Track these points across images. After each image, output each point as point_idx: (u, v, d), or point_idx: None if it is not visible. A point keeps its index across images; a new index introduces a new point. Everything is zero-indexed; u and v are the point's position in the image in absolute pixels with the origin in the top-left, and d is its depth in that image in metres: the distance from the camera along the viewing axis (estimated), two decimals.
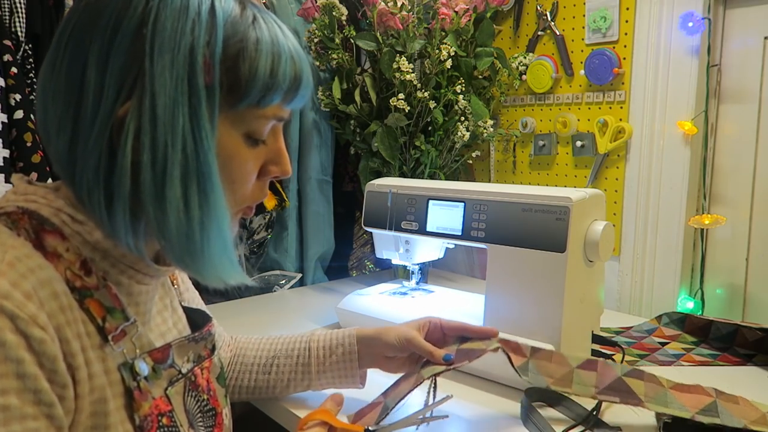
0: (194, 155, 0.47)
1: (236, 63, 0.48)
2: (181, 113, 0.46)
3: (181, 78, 0.46)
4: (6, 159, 1.08)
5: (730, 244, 1.27)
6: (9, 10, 1.11)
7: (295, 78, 0.52)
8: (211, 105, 0.48)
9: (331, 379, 0.80)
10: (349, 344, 0.79)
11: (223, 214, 0.49)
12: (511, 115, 1.57)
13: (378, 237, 1.15)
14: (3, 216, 0.49)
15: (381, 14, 1.34)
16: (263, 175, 0.56)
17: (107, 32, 0.46)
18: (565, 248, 0.83)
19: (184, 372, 0.58)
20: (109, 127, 0.46)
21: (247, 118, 0.51)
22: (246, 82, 0.49)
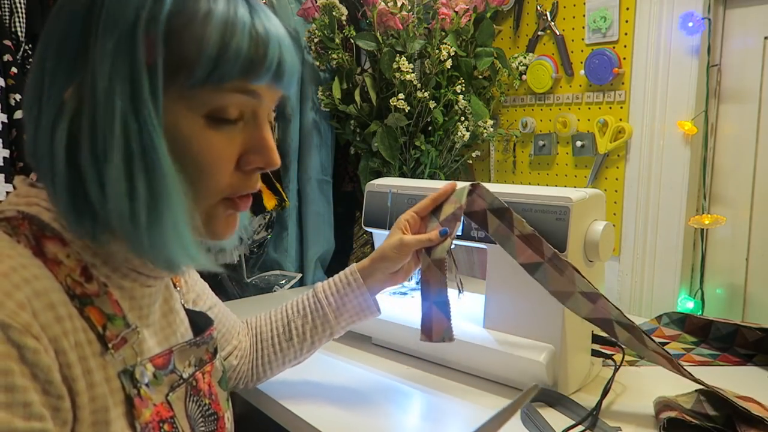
0: (137, 138, 0.44)
1: (182, 39, 0.45)
2: (119, 95, 0.44)
3: (121, 58, 0.44)
4: (6, 159, 1.08)
5: (730, 244, 1.27)
6: (9, 10, 1.11)
7: (256, 53, 0.47)
8: (154, 86, 0.45)
9: (350, 318, 0.82)
10: (354, 280, 0.81)
11: (176, 199, 0.46)
12: (511, 115, 1.57)
13: (378, 237, 1.15)
14: (3, 222, 0.48)
15: (381, 14, 1.34)
16: (245, 165, 0.51)
17: (66, 14, 0.46)
18: (565, 248, 0.83)
19: (185, 377, 0.57)
20: (56, 110, 0.46)
21: (205, 96, 0.47)
22: (194, 58, 0.45)
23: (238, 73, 0.47)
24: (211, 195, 0.51)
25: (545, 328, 0.86)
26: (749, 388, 0.89)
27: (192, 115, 0.48)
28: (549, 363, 0.84)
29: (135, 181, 0.45)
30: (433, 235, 0.81)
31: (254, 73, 0.48)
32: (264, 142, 0.51)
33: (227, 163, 0.50)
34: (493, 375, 0.90)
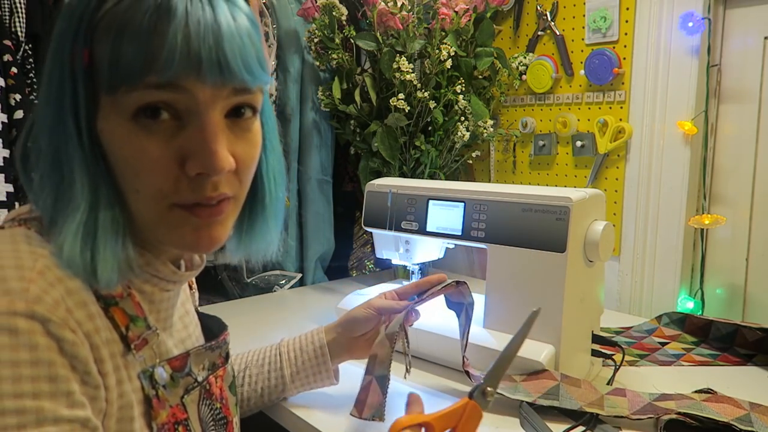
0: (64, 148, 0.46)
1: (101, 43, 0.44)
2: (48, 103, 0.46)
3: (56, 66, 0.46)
4: (6, 159, 1.08)
5: (730, 244, 1.27)
6: (9, 10, 1.11)
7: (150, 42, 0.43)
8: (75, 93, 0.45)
9: (305, 380, 0.80)
10: (318, 340, 0.80)
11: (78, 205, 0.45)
12: (511, 115, 1.57)
13: (378, 237, 1.15)
14: (34, 221, 0.48)
15: (381, 14, 1.34)
16: (189, 170, 0.46)
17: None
18: (565, 248, 0.83)
19: (199, 380, 0.58)
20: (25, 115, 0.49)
21: (124, 99, 0.44)
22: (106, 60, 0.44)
23: (138, 70, 0.43)
24: (154, 201, 0.47)
25: (545, 328, 0.86)
26: (749, 388, 0.89)
27: (120, 119, 0.45)
28: (549, 363, 0.84)
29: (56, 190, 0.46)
30: (402, 305, 0.79)
31: (154, 65, 0.43)
32: (203, 145, 0.45)
33: (162, 165, 0.46)
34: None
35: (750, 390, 0.88)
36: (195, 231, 0.49)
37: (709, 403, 0.76)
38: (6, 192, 1.08)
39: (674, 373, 0.97)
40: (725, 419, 0.72)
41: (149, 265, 0.53)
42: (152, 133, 0.45)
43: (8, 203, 1.08)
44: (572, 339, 0.87)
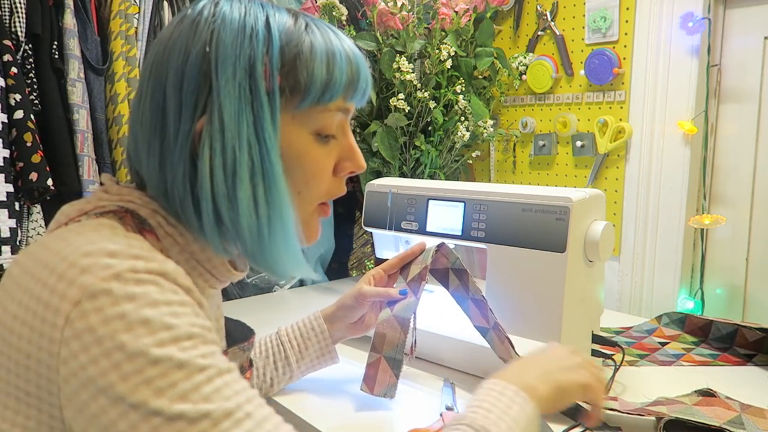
0: (258, 157, 0.51)
1: (294, 67, 0.52)
2: (245, 120, 0.50)
3: (243, 88, 0.50)
4: (6, 159, 1.08)
5: (730, 244, 1.27)
6: (9, 10, 1.11)
7: (352, 73, 0.55)
8: (273, 109, 0.51)
9: (310, 363, 0.84)
10: (318, 326, 0.84)
11: (288, 212, 0.52)
12: (511, 115, 1.57)
13: (378, 237, 1.15)
14: (110, 214, 0.50)
15: (381, 14, 1.34)
16: (339, 172, 0.59)
17: (180, 60, 0.51)
18: (565, 248, 0.83)
19: None
20: (189, 142, 0.51)
21: (314, 115, 0.54)
22: (306, 83, 0.52)
23: (340, 95, 0.55)
24: (312, 202, 0.57)
25: (545, 328, 0.86)
26: (749, 388, 0.89)
27: (302, 132, 0.54)
28: None
29: (257, 197, 0.51)
30: (392, 291, 0.83)
31: (352, 92, 0.56)
32: (354, 150, 0.59)
33: (328, 172, 0.57)
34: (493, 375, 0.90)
35: (750, 390, 0.88)
36: (318, 225, 0.60)
37: (700, 406, 0.76)
38: (6, 192, 1.08)
39: (674, 373, 0.97)
40: (717, 423, 0.72)
41: (209, 260, 0.56)
42: (325, 146, 0.56)
43: (8, 203, 1.08)
44: (572, 339, 0.87)
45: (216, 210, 0.51)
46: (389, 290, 0.84)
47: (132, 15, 1.29)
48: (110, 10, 1.26)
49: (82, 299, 0.40)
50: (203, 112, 0.51)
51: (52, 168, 1.13)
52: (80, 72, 1.20)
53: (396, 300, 0.82)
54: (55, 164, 1.15)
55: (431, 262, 0.84)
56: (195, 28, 0.51)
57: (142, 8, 1.31)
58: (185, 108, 0.51)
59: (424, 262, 0.84)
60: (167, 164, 0.52)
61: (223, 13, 0.51)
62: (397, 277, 0.87)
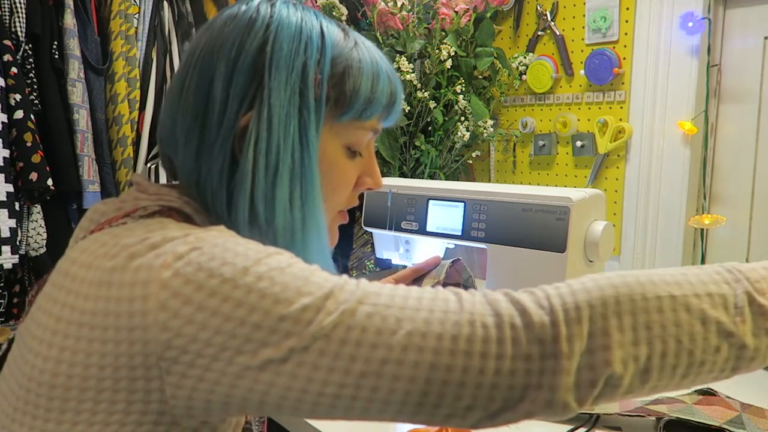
0: (300, 160, 0.52)
1: (342, 80, 0.53)
2: (292, 123, 0.51)
3: (294, 92, 0.51)
4: (6, 159, 1.08)
5: (730, 244, 1.27)
6: (9, 10, 1.11)
7: (392, 95, 0.58)
8: (318, 116, 0.53)
9: None
10: None
11: (321, 215, 0.54)
12: (511, 115, 1.57)
13: (378, 237, 1.15)
14: (156, 214, 0.50)
15: (381, 14, 1.34)
16: (358, 186, 0.60)
17: (232, 53, 0.51)
18: (565, 248, 0.83)
19: None
20: (232, 135, 0.51)
21: (350, 130, 0.56)
22: (350, 97, 0.54)
23: (378, 113, 0.56)
24: (333, 210, 0.59)
25: None
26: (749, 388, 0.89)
27: (336, 142, 0.56)
28: None
29: (294, 198, 0.52)
30: None
31: (387, 114, 0.58)
32: (375, 168, 0.61)
33: (351, 185, 0.59)
34: None
35: (750, 390, 0.87)
36: (337, 231, 0.62)
37: (700, 406, 0.76)
38: (6, 192, 1.08)
39: None
40: (717, 423, 0.72)
41: None
42: (351, 160, 0.58)
43: (8, 203, 1.08)
44: None
45: (252, 207, 0.51)
46: None
47: (132, 15, 1.29)
48: (110, 10, 1.26)
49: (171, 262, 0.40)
50: (250, 107, 0.51)
51: (52, 168, 1.13)
52: (80, 72, 1.20)
53: None
54: (55, 164, 1.15)
55: (445, 276, 0.83)
56: (251, 25, 0.52)
57: (142, 8, 1.31)
58: (232, 101, 0.51)
59: (438, 277, 0.83)
60: (204, 154, 0.52)
61: (281, 15, 0.52)
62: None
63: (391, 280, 0.86)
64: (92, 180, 1.21)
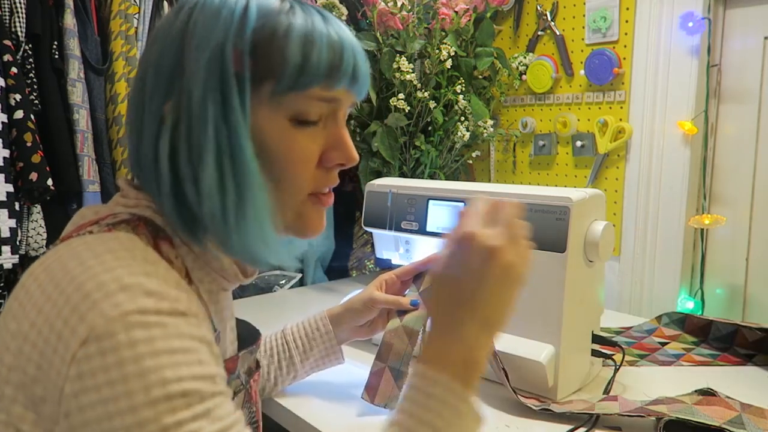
0: (227, 141, 0.49)
1: (268, 51, 0.50)
2: (211, 102, 0.48)
3: (211, 71, 0.48)
4: (6, 159, 1.08)
5: (730, 244, 1.27)
6: (9, 10, 1.11)
7: (334, 60, 0.51)
8: (242, 92, 0.49)
9: (315, 363, 0.84)
10: (324, 326, 0.83)
11: (260, 197, 0.50)
12: (511, 115, 1.57)
13: (378, 237, 1.15)
14: (122, 224, 0.50)
15: (381, 14, 1.34)
16: (326, 162, 0.55)
17: (162, 41, 0.51)
18: (565, 248, 0.83)
19: (244, 383, 0.60)
20: (157, 123, 0.50)
21: (290, 102, 0.51)
22: (278, 67, 0.50)
23: (319, 81, 0.51)
24: (297, 191, 0.54)
25: (545, 328, 0.86)
26: (749, 388, 0.89)
27: (277, 117, 0.51)
28: (549, 363, 0.84)
29: (225, 181, 0.49)
30: (404, 300, 0.81)
31: (333, 79, 0.52)
32: (343, 140, 0.55)
33: (310, 161, 0.54)
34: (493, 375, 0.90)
35: (749, 390, 0.88)
36: (317, 216, 0.56)
37: (700, 406, 0.76)
38: (6, 192, 1.08)
39: (674, 373, 0.97)
40: (717, 423, 0.72)
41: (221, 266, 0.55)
42: (303, 132, 0.53)
43: (8, 203, 1.08)
44: (572, 339, 0.87)
45: (177, 193, 0.50)
46: (400, 299, 0.81)
47: (132, 15, 1.29)
48: (110, 10, 1.26)
49: (89, 339, 0.40)
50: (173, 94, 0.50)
51: (52, 168, 1.13)
52: (80, 72, 1.20)
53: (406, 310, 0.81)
54: (55, 164, 1.15)
55: None
56: (178, 13, 0.51)
57: (142, 8, 1.31)
58: (158, 90, 0.50)
59: None
60: (141, 146, 0.51)
61: None
62: (409, 284, 0.85)
63: (392, 276, 0.86)
64: (92, 180, 1.21)
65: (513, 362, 0.86)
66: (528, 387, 0.88)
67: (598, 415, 0.78)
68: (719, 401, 0.77)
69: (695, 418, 0.73)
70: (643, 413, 0.75)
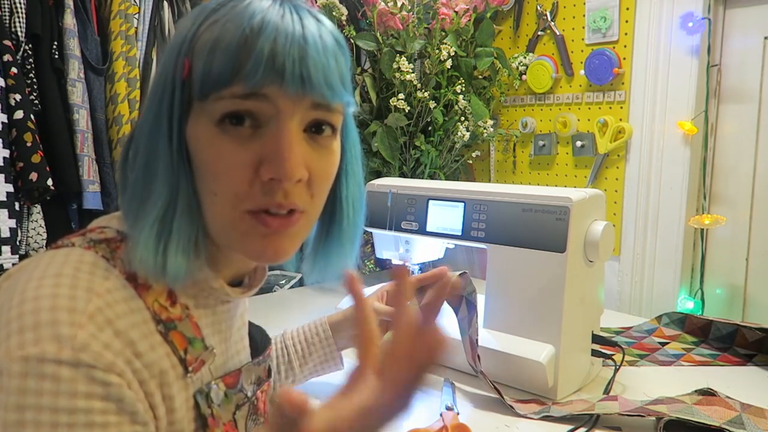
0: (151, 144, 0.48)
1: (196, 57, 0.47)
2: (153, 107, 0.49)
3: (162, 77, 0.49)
4: (6, 159, 1.08)
5: (730, 244, 1.27)
6: (9, 10, 1.11)
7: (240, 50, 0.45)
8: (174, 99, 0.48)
9: (314, 369, 0.84)
10: (323, 331, 0.83)
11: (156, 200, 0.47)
12: (511, 115, 1.57)
13: (378, 237, 1.15)
14: (103, 243, 0.49)
15: (381, 14, 1.34)
16: (262, 175, 0.47)
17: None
18: (565, 248, 0.83)
19: (249, 396, 0.58)
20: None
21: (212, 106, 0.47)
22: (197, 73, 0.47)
23: (226, 79, 0.45)
24: (229, 204, 0.48)
25: (545, 328, 0.86)
26: (749, 388, 0.89)
27: (208, 124, 0.47)
28: (549, 363, 0.84)
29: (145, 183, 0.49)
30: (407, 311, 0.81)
31: (240, 75, 0.45)
32: (277, 151, 0.46)
33: (239, 168, 0.47)
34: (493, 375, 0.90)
35: (749, 390, 0.88)
36: (262, 240, 0.49)
37: (700, 406, 0.76)
38: (6, 192, 1.08)
39: (674, 373, 0.97)
40: (717, 423, 0.72)
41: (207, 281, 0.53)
42: (234, 139, 0.47)
43: (8, 203, 1.08)
44: (572, 339, 0.87)
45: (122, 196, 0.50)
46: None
47: (132, 15, 1.29)
48: (110, 10, 1.26)
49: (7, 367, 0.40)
50: None
51: (52, 168, 1.13)
52: (80, 72, 1.20)
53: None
54: (55, 164, 1.15)
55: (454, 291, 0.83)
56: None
57: (142, 8, 1.31)
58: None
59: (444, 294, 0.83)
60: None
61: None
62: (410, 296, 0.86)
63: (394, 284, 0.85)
64: (92, 180, 1.21)
65: (513, 362, 0.86)
66: (528, 387, 0.88)
67: (598, 415, 0.78)
68: (719, 401, 0.77)
69: (695, 418, 0.73)
70: (643, 413, 0.75)
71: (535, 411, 0.81)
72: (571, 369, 0.87)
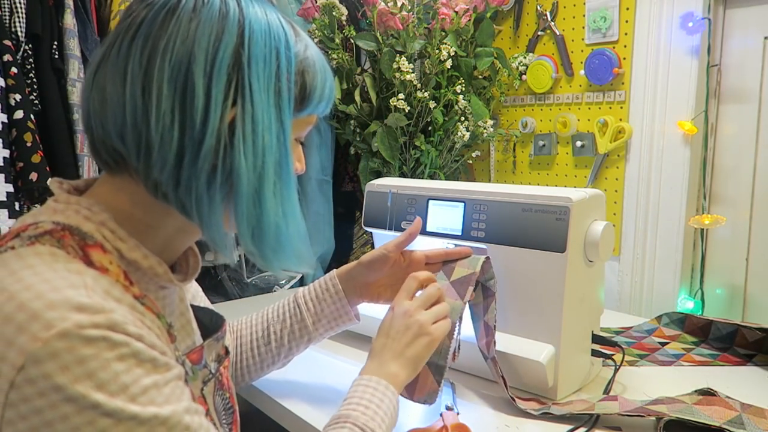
0: (280, 156, 0.53)
1: (303, 77, 0.56)
2: (273, 120, 0.53)
3: (271, 89, 0.53)
4: (6, 159, 1.08)
5: (730, 244, 1.27)
6: (9, 10, 1.11)
7: (330, 88, 0.60)
8: (290, 112, 0.55)
9: (328, 324, 0.83)
10: (333, 285, 0.83)
11: (297, 206, 0.55)
12: (511, 115, 1.57)
13: (378, 237, 1.15)
14: (45, 236, 0.48)
15: (381, 14, 1.34)
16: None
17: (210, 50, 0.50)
18: (565, 248, 0.83)
19: (213, 372, 0.61)
20: (220, 133, 0.50)
21: (301, 123, 0.59)
22: (310, 93, 0.57)
23: (323, 106, 0.60)
24: None
25: (545, 328, 0.86)
26: (749, 388, 0.89)
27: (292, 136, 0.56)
28: (549, 363, 0.84)
29: (279, 191, 0.53)
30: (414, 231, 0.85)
31: (326, 104, 0.60)
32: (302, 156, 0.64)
33: None
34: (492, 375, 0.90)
35: (749, 390, 0.88)
36: None
37: (700, 406, 0.76)
38: (6, 192, 1.08)
39: (674, 373, 0.97)
40: (717, 423, 0.72)
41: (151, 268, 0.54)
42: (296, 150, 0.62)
43: (8, 203, 1.08)
44: (572, 339, 0.87)
45: (239, 206, 0.51)
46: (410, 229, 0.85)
47: None
48: (110, 10, 1.26)
49: (26, 364, 0.40)
50: (233, 104, 0.51)
51: (52, 168, 1.13)
52: (80, 72, 1.20)
53: None
54: (55, 164, 1.15)
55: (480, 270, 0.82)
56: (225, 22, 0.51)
57: None
58: (216, 99, 0.50)
59: (473, 268, 0.82)
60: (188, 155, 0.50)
61: (249, 11, 0.53)
62: (438, 268, 0.86)
63: (421, 255, 0.86)
64: None
65: (513, 362, 0.86)
66: (528, 387, 0.88)
67: (598, 415, 0.78)
68: (719, 401, 0.77)
69: (695, 418, 0.73)
70: (643, 413, 0.75)
71: (535, 408, 0.81)
72: (571, 369, 0.87)
